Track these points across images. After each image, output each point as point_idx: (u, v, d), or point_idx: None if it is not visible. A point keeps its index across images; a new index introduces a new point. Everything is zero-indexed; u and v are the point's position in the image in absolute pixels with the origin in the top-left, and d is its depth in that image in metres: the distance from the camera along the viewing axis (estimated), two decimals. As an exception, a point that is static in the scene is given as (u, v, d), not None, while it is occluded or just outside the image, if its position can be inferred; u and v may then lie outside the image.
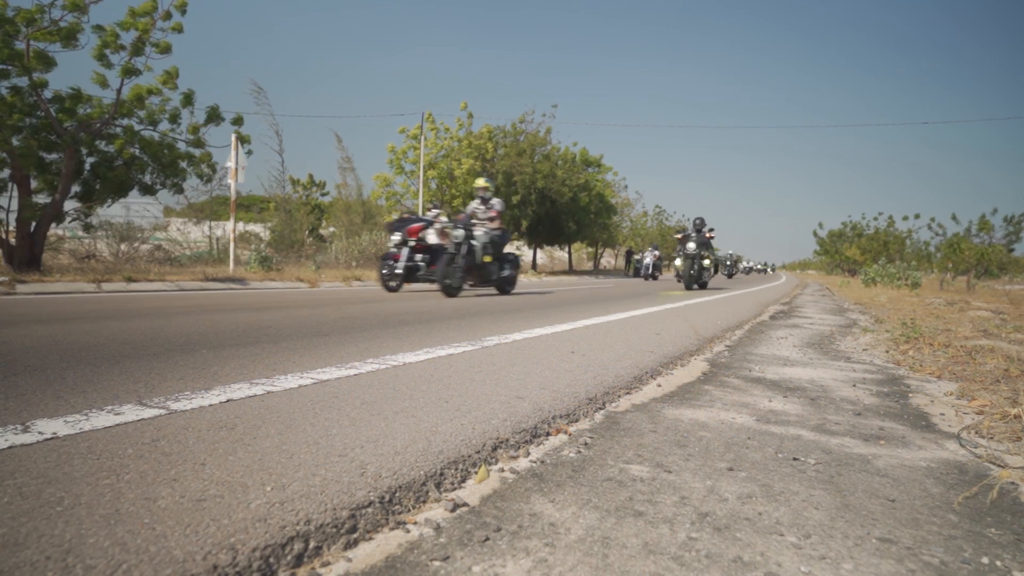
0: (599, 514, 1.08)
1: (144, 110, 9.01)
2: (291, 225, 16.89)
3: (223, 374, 2.09)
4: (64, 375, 2.00)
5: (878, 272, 16.24)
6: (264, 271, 10.53)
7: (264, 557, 0.87)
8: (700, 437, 1.59)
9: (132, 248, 12.48)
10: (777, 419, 1.82)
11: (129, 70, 8.59)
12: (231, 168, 10.31)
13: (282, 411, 1.63)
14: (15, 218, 8.46)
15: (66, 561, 0.82)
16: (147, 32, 8.59)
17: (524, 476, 1.27)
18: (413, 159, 19.87)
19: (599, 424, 1.70)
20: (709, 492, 1.20)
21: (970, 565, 0.94)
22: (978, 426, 1.77)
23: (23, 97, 8.04)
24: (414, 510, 1.08)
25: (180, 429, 1.44)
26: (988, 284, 19.16)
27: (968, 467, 1.43)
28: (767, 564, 0.92)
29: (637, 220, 40.66)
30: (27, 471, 1.14)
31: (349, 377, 2.12)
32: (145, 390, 1.82)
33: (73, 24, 8.06)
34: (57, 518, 0.95)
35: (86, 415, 1.52)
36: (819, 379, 2.52)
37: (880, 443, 1.60)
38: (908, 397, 2.22)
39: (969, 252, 17.38)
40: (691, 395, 2.12)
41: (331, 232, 22.37)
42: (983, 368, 2.69)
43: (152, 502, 1.02)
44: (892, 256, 27.54)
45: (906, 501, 1.20)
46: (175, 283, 7.76)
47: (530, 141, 22.56)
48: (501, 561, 0.90)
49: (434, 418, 1.62)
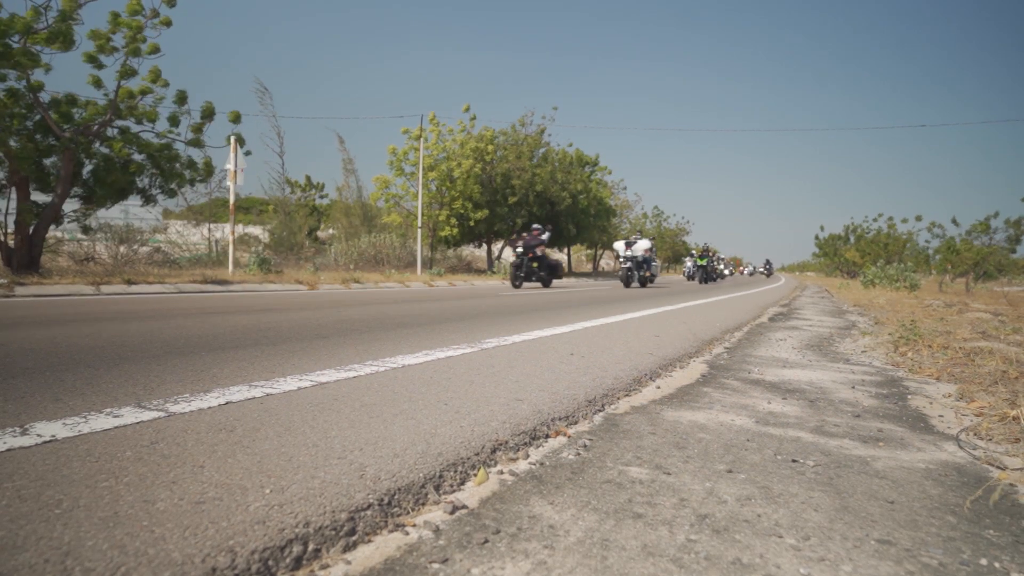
0: (598, 516, 1.08)
1: (136, 109, 9.01)
2: (290, 227, 16.89)
3: (222, 376, 2.09)
4: (63, 377, 2.00)
5: (877, 274, 16.25)
6: (263, 273, 10.52)
7: (263, 560, 0.87)
8: (699, 439, 1.59)
9: (131, 250, 12.48)
10: (776, 421, 1.82)
11: (127, 72, 8.60)
12: (230, 170, 10.31)
13: (281, 413, 1.63)
14: (14, 220, 8.45)
15: (65, 564, 0.82)
16: (139, 31, 8.60)
17: (523, 478, 1.27)
18: (413, 161, 19.89)
19: (598, 426, 1.70)
20: (708, 494, 1.20)
21: (969, 567, 0.94)
22: (977, 428, 1.77)
23: (19, 99, 8.04)
24: (413, 512, 1.08)
25: (179, 431, 1.43)
26: (987, 286, 19.18)
27: (967, 469, 1.43)
28: (766, 566, 0.92)
29: (636, 222, 40.71)
30: (26, 474, 1.14)
31: (348, 379, 2.12)
32: (144, 392, 1.82)
33: (65, 27, 8.06)
34: (56, 520, 0.95)
35: (85, 418, 1.52)
36: (818, 381, 2.52)
37: (879, 445, 1.60)
38: (907, 399, 2.22)
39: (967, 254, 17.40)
40: (690, 397, 2.12)
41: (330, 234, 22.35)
42: (982, 370, 2.69)
43: (151, 504, 1.02)
44: (891, 258, 27.58)
45: (905, 503, 1.20)
46: (174, 285, 7.76)
47: (529, 144, 22.60)
48: (500, 563, 0.90)
49: (433, 420, 1.62)
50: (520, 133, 23.19)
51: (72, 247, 12.35)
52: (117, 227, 12.64)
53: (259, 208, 22.41)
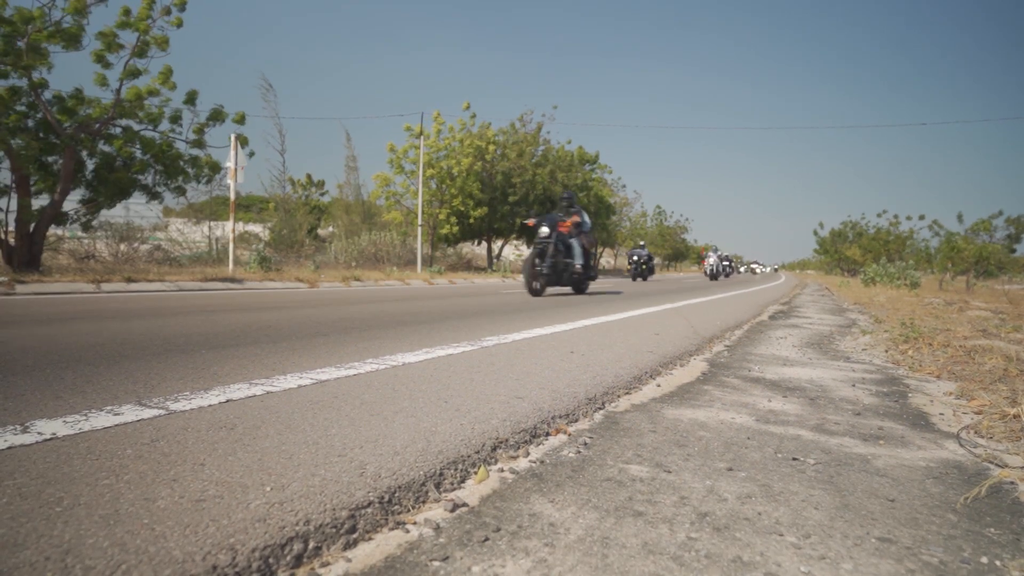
0: (599, 514, 1.08)
1: (143, 111, 9.01)
2: (291, 225, 16.89)
3: (222, 374, 2.09)
4: (63, 375, 2.00)
5: (877, 272, 16.24)
6: (263, 271, 10.52)
7: (263, 557, 0.87)
8: (699, 437, 1.59)
9: (131, 248, 12.47)
10: (776, 419, 1.82)
11: (132, 72, 8.60)
12: (230, 168, 10.31)
13: (281, 411, 1.63)
14: (14, 218, 8.45)
15: (65, 561, 0.82)
16: (147, 31, 8.60)
17: (524, 476, 1.27)
18: (414, 159, 19.87)
19: (599, 424, 1.70)
20: (708, 492, 1.20)
21: (969, 565, 0.94)
22: (977, 426, 1.77)
23: (21, 97, 8.03)
24: (413, 510, 1.08)
25: (179, 429, 1.43)
26: (987, 284, 19.17)
27: (967, 467, 1.43)
28: (767, 564, 0.92)
29: (636, 220, 40.71)
30: (26, 471, 1.14)
31: (348, 377, 2.12)
32: (144, 390, 1.82)
33: (75, 27, 8.06)
34: (56, 518, 0.95)
35: (85, 415, 1.52)
36: (818, 379, 2.52)
37: (879, 443, 1.60)
38: (907, 397, 2.22)
39: (968, 251, 17.38)
40: (690, 395, 2.12)
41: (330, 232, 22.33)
42: (982, 368, 2.69)
43: (151, 502, 1.02)
44: (892, 256, 27.56)
45: (905, 501, 1.20)
46: (174, 283, 7.76)
47: (529, 142, 22.60)
48: (501, 561, 0.90)
49: (433, 418, 1.62)
50: (520, 131, 23.18)
51: (73, 245, 12.35)
52: (117, 225, 12.63)
53: (259, 206, 22.41)
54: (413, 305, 5.66)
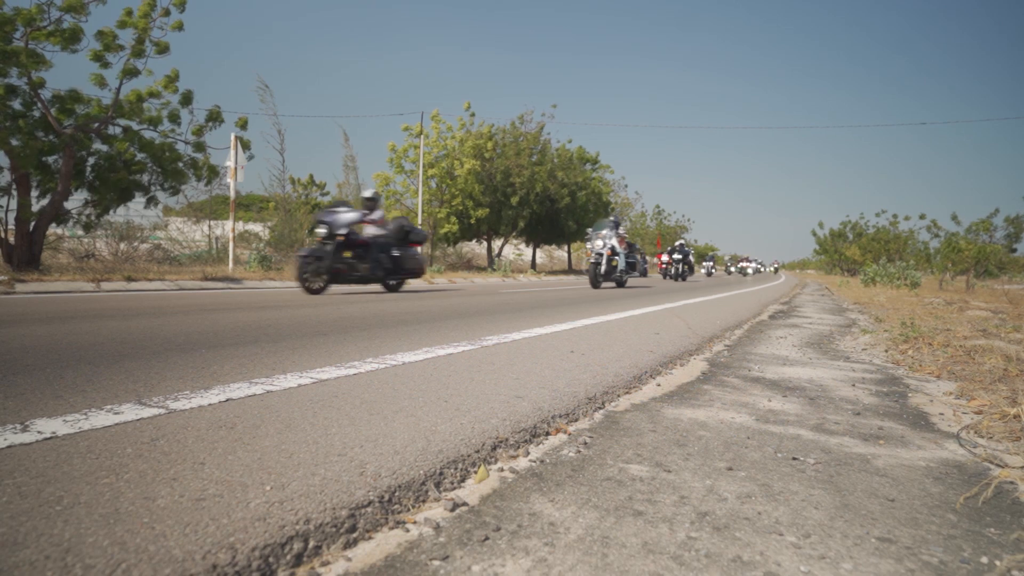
0: (598, 513, 1.08)
1: (143, 112, 9.00)
2: (291, 224, 16.88)
3: (222, 373, 2.09)
4: (63, 374, 2.00)
5: (877, 272, 16.24)
6: (263, 271, 10.52)
7: (264, 556, 0.87)
8: (699, 436, 1.59)
9: (131, 247, 12.48)
10: (776, 419, 1.82)
11: (129, 71, 8.59)
12: (230, 168, 10.31)
13: (281, 410, 1.63)
14: (14, 217, 8.45)
15: (65, 560, 0.82)
16: (146, 31, 8.59)
17: (523, 475, 1.27)
18: (414, 158, 19.86)
19: (598, 423, 1.70)
20: (708, 491, 1.20)
21: (969, 565, 0.94)
22: (977, 426, 1.77)
23: (20, 96, 8.03)
24: (413, 509, 1.08)
25: (179, 428, 1.43)
26: (987, 284, 19.17)
27: (967, 467, 1.43)
28: (766, 563, 0.92)
29: (636, 220, 40.69)
30: (26, 470, 1.14)
31: (348, 376, 2.12)
32: (144, 389, 1.82)
33: (74, 27, 8.05)
34: (56, 517, 0.95)
35: (85, 414, 1.52)
36: (818, 379, 2.52)
37: (879, 443, 1.60)
38: (907, 397, 2.22)
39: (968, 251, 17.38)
40: (690, 395, 2.12)
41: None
42: (982, 368, 2.69)
43: (151, 501, 1.02)
44: (892, 256, 27.56)
45: (905, 501, 1.20)
46: (174, 282, 7.76)
47: (529, 142, 22.60)
48: (500, 560, 0.90)
49: (433, 417, 1.62)
50: (519, 130, 23.18)
51: (72, 244, 12.35)
52: (117, 224, 12.63)
53: (259, 205, 22.39)
54: (413, 304, 5.66)
